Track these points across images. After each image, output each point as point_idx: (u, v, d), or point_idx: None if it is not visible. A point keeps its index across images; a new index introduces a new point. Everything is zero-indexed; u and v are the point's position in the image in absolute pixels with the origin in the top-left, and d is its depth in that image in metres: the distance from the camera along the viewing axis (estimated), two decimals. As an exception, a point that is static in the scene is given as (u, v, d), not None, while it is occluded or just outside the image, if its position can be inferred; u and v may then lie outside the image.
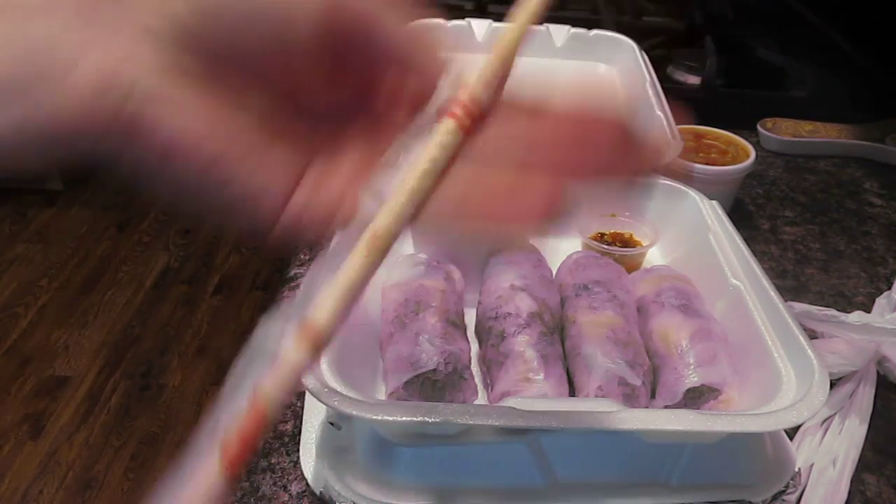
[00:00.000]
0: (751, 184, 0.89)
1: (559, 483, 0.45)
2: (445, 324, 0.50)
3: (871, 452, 0.53)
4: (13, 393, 1.62)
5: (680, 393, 0.47)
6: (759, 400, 0.45)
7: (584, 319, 0.51)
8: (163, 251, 2.06)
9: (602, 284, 0.54)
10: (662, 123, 0.74)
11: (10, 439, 1.52)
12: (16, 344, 1.76)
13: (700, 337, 0.50)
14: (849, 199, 0.89)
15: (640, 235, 0.67)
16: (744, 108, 1.03)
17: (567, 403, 0.42)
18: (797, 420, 0.40)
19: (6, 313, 1.84)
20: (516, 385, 0.47)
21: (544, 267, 0.57)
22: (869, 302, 0.68)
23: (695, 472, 0.45)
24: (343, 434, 0.46)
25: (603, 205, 0.66)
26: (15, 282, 1.95)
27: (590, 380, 0.48)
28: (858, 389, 0.56)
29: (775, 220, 0.83)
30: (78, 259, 2.04)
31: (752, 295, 0.52)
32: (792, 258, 0.76)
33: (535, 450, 0.44)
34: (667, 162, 0.70)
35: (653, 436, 0.43)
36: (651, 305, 0.54)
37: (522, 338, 0.49)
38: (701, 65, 1.05)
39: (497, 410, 0.40)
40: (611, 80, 0.91)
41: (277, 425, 0.52)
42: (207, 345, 1.78)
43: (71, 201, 2.29)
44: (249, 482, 0.47)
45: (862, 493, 0.50)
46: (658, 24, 1.24)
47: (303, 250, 0.70)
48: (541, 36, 0.93)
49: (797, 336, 0.46)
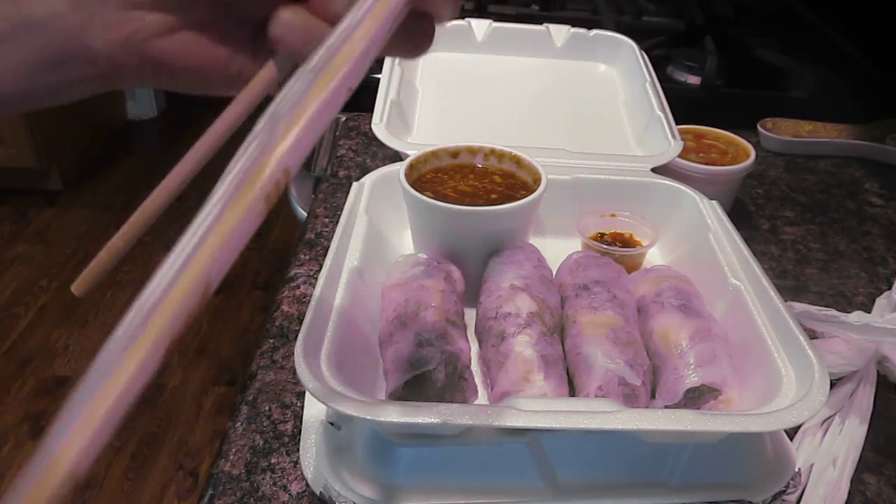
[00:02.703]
0: (751, 184, 0.89)
1: (559, 483, 0.45)
2: (445, 324, 0.50)
3: (871, 452, 0.53)
4: (13, 393, 1.62)
5: (680, 393, 0.47)
6: (759, 400, 0.45)
7: (584, 319, 0.51)
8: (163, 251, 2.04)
9: (602, 284, 0.54)
10: (662, 123, 0.74)
11: (10, 439, 1.52)
12: (16, 344, 1.76)
13: (700, 337, 0.50)
14: (849, 199, 0.89)
15: (640, 235, 0.67)
16: (744, 108, 1.03)
17: (567, 403, 0.42)
18: (797, 420, 0.40)
19: (6, 313, 1.84)
20: (516, 385, 0.47)
21: (544, 267, 0.57)
22: (869, 302, 0.68)
23: (695, 472, 0.45)
24: (343, 434, 0.46)
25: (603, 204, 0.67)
26: (15, 282, 1.95)
27: (590, 380, 0.48)
28: (858, 389, 0.56)
29: (775, 220, 0.83)
30: (78, 259, 2.03)
31: (752, 295, 0.52)
32: (792, 258, 0.76)
33: (535, 450, 0.44)
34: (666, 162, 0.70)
35: (653, 436, 0.43)
36: (651, 305, 0.54)
37: (522, 338, 0.49)
38: (701, 65, 1.05)
39: (497, 410, 0.40)
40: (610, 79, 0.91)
41: (277, 425, 0.52)
42: (207, 345, 1.78)
43: (71, 201, 2.29)
44: (249, 482, 0.47)
45: (862, 493, 0.50)
46: (658, 24, 1.24)
47: (302, 250, 0.70)
48: (541, 36, 0.93)
49: (797, 336, 0.46)
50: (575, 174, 0.67)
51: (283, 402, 0.53)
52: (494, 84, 0.89)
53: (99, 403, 0.19)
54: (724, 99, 1.04)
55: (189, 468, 1.49)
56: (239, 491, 0.47)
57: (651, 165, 0.69)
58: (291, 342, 0.58)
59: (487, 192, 0.62)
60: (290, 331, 0.60)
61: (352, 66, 0.25)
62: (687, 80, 1.07)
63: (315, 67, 0.25)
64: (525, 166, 0.63)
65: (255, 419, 0.52)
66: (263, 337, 0.59)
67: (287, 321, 0.61)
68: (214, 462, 0.49)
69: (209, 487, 0.47)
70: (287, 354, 0.57)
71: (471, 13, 1.15)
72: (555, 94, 0.87)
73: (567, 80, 0.90)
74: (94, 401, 0.19)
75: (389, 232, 0.63)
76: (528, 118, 0.82)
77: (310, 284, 0.65)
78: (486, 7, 1.21)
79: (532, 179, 0.62)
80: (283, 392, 0.54)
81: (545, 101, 0.86)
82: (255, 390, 0.54)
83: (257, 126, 0.24)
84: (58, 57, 0.28)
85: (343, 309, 0.48)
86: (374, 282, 0.55)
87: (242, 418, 0.52)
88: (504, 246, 0.58)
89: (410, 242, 0.64)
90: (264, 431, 0.51)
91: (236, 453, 0.49)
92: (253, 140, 0.23)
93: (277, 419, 0.52)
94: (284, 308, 0.62)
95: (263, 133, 0.23)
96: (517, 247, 0.58)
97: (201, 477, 1.48)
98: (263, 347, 0.58)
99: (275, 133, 0.23)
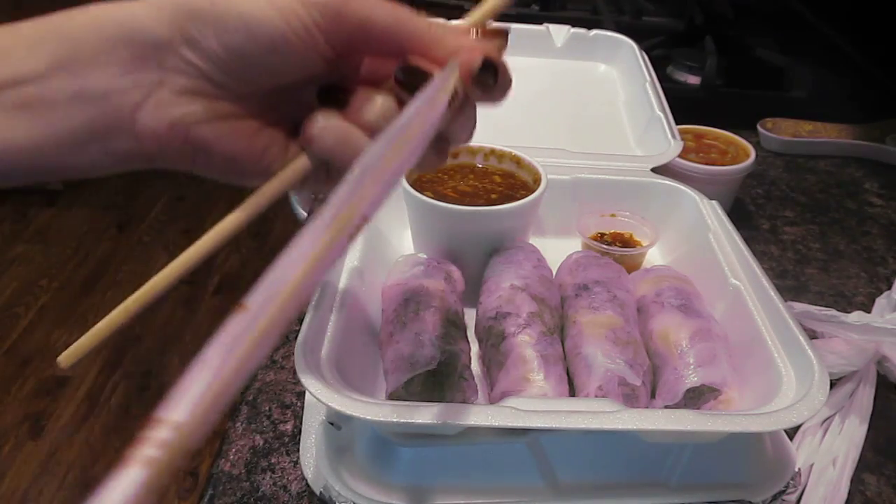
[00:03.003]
0: (751, 184, 0.89)
1: (559, 483, 0.45)
2: (445, 324, 0.50)
3: (871, 452, 0.53)
4: (13, 393, 1.62)
5: (680, 393, 0.47)
6: (759, 400, 0.45)
7: (584, 319, 0.51)
8: (163, 251, 2.05)
9: (602, 284, 0.54)
10: (662, 123, 0.74)
11: (10, 439, 1.52)
12: (16, 344, 1.76)
13: (700, 337, 0.50)
14: (849, 199, 0.89)
15: (640, 235, 0.67)
16: (744, 108, 1.03)
17: (567, 403, 0.42)
18: (797, 420, 0.40)
19: (6, 313, 1.84)
20: (516, 385, 0.47)
21: (544, 267, 0.57)
22: (869, 302, 0.68)
23: (695, 472, 0.45)
24: (343, 434, 0.46)
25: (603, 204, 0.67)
26: (15, 282, 1.95)
27: (590, 380, 0.48)
28: (858, 389, 0.56)
29: (775, 220, 0.83)
30: (78, 259, 2.04)
31: (752, 295, 0.52)
32: (792, 258, 0.76)
33: (535, 450, 0.44)
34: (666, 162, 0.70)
35: (653, 436, 0.43)
36: (651, 305, 0.54)
37: (523, 338, 0.49)
38: (701, 65, 1.05)
39: (497, 410, 0.40)
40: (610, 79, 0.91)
41: (277, 425, 0.52)
42: (207, 345, 1.78)
43: (71, 201, 2.29)
44: (249, 482, 0.47)
45: (862, 493, 0.50)
46: (658, 24, 1.24)
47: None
48: (541, 36, 0.93)
49: (797, 336, 0.46)
50: (575, 174, 0.67)
51: (283, 402, 0.53)
52: (494, 84, 0.89)
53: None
54: (724, 99, 1.04)
55: (189, 468, 1.49)
56: (239, 491, 0.47)
57: (651, 165, 0.69)
58: (291, 342, 0.58)
59: (487, 192, 0.62)
60: (290, 331, 0.60)
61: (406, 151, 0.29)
62: (687, 80, 1.07)
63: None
64: (525, 166, 0.63)
65: (255, 419, 0.52)
66: (263, 337, 0.59)
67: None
68: (214, 462, 0.49)
69: (209, 487, 0.47)
70: (287, 354, 0.57)
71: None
72: (555, 94, 0.87)
73: (567, 80, 0.90)
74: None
75: (389, 232, 0.63)
76: (528, 118, 0.82)
77: (310, 284, 0.65)
78: (486, 7, 1.20)
79: (532, 179, 0.62)
80: (283, 392, 0.54)
81: (545, 101, 0.85)
82: (255, 390, 0.54)
83: (350, 174, 0.27)
84: (107, 130, 0.29)
85: (343, 309, 0.48)
86: (374, 282, 0.55)
87: (242, 418, 0.52)
88: (504, 246, 0.58)
89: (410, 242, 0.64)
90: (264, 431, 0.51)
91: (236, 453, 0.49)
92: (345, 185, 0.27)
93: (277, 419, 0.52)
94: (284, 308, 0.62)
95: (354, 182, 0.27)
96: (517, 247, 0.58)
97: (201, 477, 1.48)
98: (263, 347, 0.58)
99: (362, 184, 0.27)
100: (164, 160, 0.31)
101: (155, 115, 0.29)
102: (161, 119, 0.29)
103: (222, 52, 0.29)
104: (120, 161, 0.30)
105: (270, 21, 0.29)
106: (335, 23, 0.29)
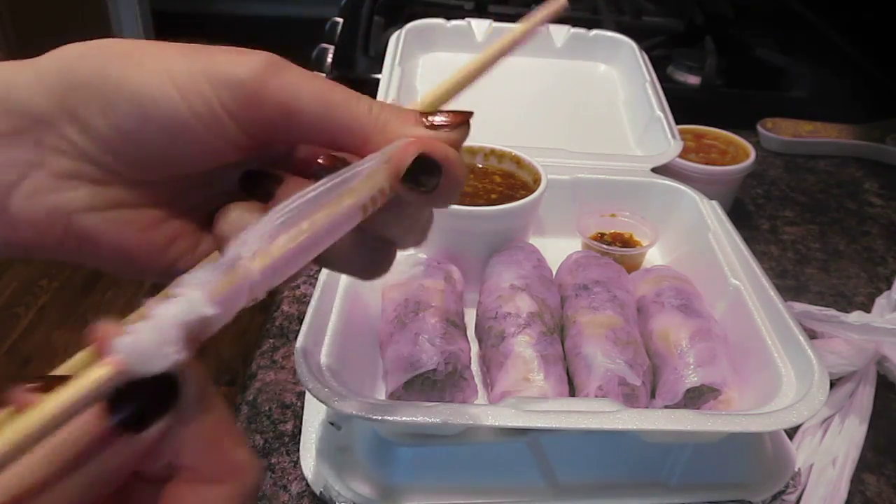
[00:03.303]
0: (751, 184, 0.89)
1: (559, 483, 0.45)
2: (445, 324, 0.50)
3: (871, 452, 0.53)
4: (13, 393, 1.62)
5: (680, 393, 0.47)
6: (759, 400, 0.45)
7: (584, 319, 0.51)
8: (163, 251, 2.06)
9: (602, 284, 0.54)
10: (662, 123, 0.74)
11: (10, 439, 1.52)
12: (16, 344, 1.76)
13: (700, 337, 0.50)
14: (849, 199, 0.89)
15: (640, 235, 0.67)
16: (744, 108, 1.03)
17: (567, 403, 0.42)
18: (797, 420, 0.40)
19: (6, 313, 1.84)
20: (516, 385, 0.47)
21: (544, 267, 0.57)
22: (869, 302, 0.68)
23: (695, 472, 0.45)
24: (343, 434, 0.46)
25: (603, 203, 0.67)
26: (15, 282, 1.95)
27: (590, 380, 0.48)
28: (858, 389, 0.56)
29: (775, 220, 0.83)
30: (78, 259, 2.04)
31: (752, 295, 0.52)
32: (792, 258, 0.76)
33: (535, 450, 0.44)
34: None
35: (653, 436, 0.43)
36: (651, 305, 0.54)
37: (522, 338, 0.49)
38: (701, 65, 1.05)
39: (497, 410, 0.40)
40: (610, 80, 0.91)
41: (277, 425, 0.52)
42: (207, 345, 1.75)
43: (71, 201, 2.29)
44: (249, 482, 0.47)
45: (862, 493, 0.50)
46: (658, 24, 1.24)
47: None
48: (541, 36, 0.93)
49: (797, 336, 0.46)
50: (575, 174, 0.67)
51: (283, 402, 0.53)
52: (494, 84, 0.88)
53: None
54: (724, 99, 1.04)
55: (189, 468, 1.49)
56: (239, 491, 0.47)
57: (651, 165, 0.69)
58: (291, 342, 0.58)
59: (487, 192, 0.62)
60: (290, 331, 0.60)
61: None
62: (687, 80, 1.07)
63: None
64: (525, 166, 0.63)
65: (255, 419, 0.52)
66: (263, 337, 0.59)
67: (287, 321, 0.61)
68: (214, 462, 0.49)
69: (209, 487, 0.47)
70: (287, 354, 0.57)
71: (471, 13, 1.15)
72: (555, 94, 0.87)
73: (567, 79, 0.90)
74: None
75: (389, 232, 0.63)
76: (528, 118, 0.82)
77: (310, 284, 0.65)
78: (486, 7, 1.20)
79: (532, 179, 0.62)
80: (283, 392, 0.54)
81: (545, 101, 0.85)
82: (255, 390, 0.54)
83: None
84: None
85: (343, 309, 0.48)
86: (375, 282, 0.55)
87: (242, 418, 0.52)
88: (504, 246, 0.58)
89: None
90: (264, 431, 0.51)
91: (236, 453, 0.49)
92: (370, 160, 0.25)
93: (277, 419, 0.52)
94: (284, 308, 0.62)
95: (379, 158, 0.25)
96: (517, 247, 0.58)
97: (201, 477, 1.48)
98: (263, 347, 0.58)
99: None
100: (43, 251, 0.26)
101: (31, 199, 0.25)
102: (38, 205, 0.25)
103: (111, 134, 0.24)
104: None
105: (168, 102, 0.24)
106: (250, 107, 0.24)
